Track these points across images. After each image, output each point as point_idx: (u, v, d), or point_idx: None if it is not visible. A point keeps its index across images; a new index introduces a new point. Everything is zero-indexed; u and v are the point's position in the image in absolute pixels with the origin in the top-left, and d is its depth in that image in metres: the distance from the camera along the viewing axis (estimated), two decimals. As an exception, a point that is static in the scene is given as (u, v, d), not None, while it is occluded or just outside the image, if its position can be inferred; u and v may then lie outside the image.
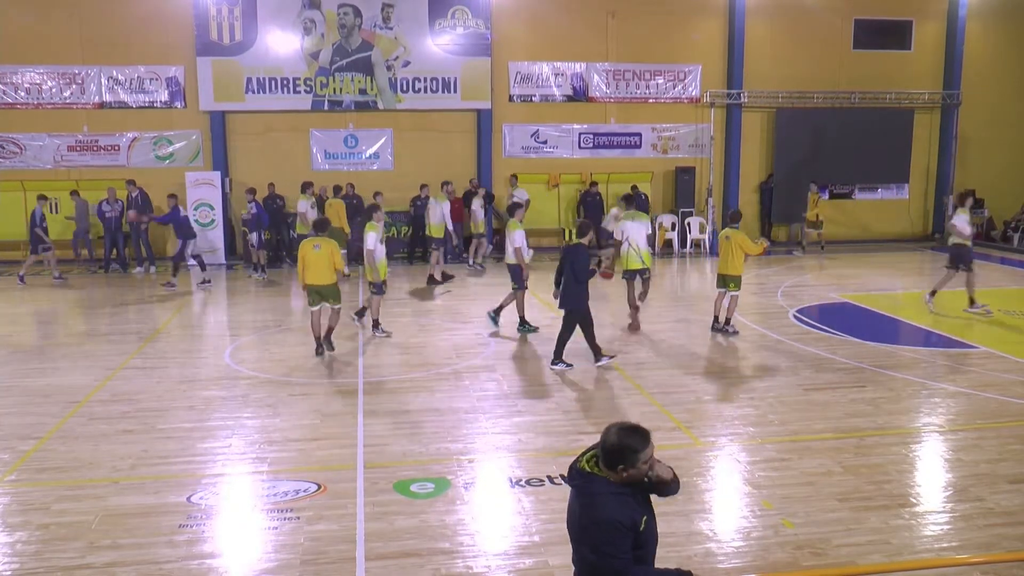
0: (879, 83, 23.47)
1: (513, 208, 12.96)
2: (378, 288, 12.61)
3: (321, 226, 11.72)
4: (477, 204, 19.20)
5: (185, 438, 8.41)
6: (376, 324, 12.79)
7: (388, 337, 12.61)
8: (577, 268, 10.56)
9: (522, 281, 12.76)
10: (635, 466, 3.76)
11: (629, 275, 13.13)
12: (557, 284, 11.02)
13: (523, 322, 12.93)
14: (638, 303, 13.29)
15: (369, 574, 5.73)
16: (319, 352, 11.59)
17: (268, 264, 20.09)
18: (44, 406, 9.48)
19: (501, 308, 13.20)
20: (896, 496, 6.93)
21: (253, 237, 18.50)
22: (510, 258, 12.86)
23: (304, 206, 18.40)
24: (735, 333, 12.63)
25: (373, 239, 12.29)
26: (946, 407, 9.38)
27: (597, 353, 10.91)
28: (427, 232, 18.17)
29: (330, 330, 11.85)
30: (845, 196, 24.10)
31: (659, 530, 4.03)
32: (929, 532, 6.33)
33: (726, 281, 12.63)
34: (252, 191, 18.63)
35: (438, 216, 17.73)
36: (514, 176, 21.37)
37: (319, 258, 11.35)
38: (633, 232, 12.99)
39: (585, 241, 10.94)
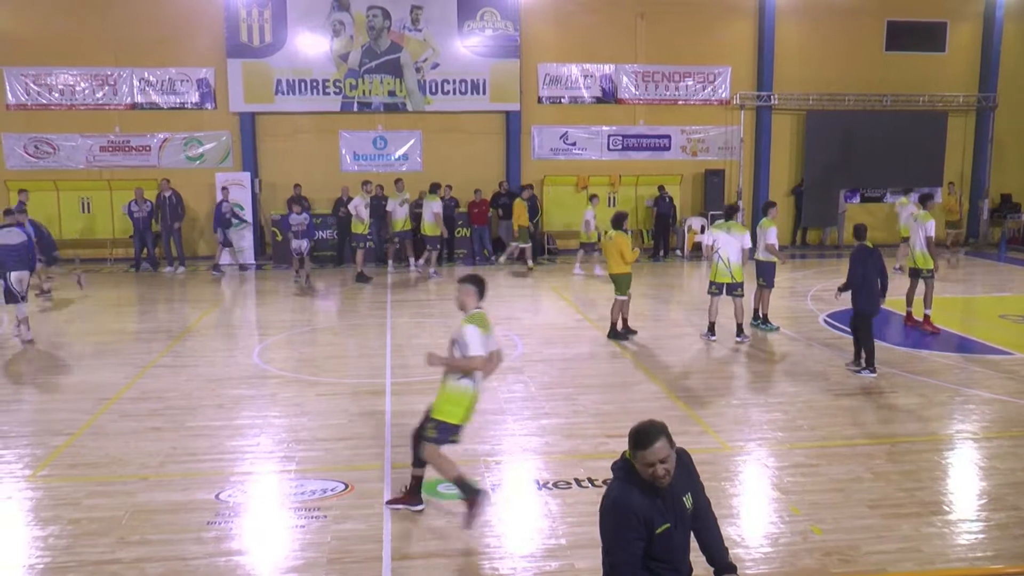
0: (912, 86, 23.17)
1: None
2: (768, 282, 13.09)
3: (617, 221, 12.63)
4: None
5: (214, 436, 8.48)
6: (761, 317, 13.24)
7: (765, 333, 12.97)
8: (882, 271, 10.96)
9: (772, 280, 13.08)
10: (635, 459, 3.76)
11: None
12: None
13: (765, 319, 13.27)
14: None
15: (395, 574, 5.73)
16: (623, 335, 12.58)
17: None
18: (76, 403, 9.61)
19: (757, 311, 13.41)
20: (928, 503, 6.82)
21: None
22: (761, 255, 12.99)
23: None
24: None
25: (773, 234, 12.88)
26: (980, 414, 9.22)
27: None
28: (422, 231, 18.83)
29: (615, 320, 12.61)
30: (877, 200, 23.81)
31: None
32: (963, 541, 6.22)
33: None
34: (140, 190, 19.02)
35: (430, 216, 18.41)
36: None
37: (607, 249, 12.56)
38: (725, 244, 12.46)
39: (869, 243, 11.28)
